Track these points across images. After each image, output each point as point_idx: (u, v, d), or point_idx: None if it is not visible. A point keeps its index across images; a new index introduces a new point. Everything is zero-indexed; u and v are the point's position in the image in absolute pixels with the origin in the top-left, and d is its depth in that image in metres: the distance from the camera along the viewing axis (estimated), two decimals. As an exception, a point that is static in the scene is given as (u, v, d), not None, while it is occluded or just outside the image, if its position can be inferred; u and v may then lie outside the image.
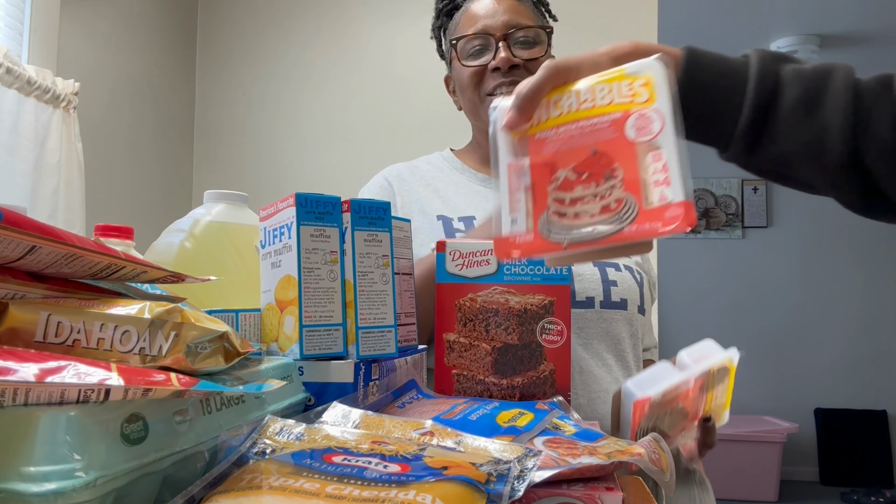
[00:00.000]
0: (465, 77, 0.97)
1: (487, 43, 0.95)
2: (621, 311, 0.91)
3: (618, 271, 0.93)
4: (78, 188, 1.49)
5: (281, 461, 0.37)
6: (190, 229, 0.77)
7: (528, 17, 0.97)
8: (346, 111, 2.13)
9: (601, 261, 0.92)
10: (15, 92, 1.35)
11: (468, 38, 0.96)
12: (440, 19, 1.06)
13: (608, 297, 0.90)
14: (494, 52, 0.94)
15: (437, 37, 1.09)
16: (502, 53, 0.93)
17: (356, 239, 0.60)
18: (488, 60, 0.95)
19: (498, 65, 0.93)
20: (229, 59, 2.22)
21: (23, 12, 1.50)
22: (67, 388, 0.32)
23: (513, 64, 0.93)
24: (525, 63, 0.94)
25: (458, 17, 1.01)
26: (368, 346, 0.60)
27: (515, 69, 0.94)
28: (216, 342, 0.41)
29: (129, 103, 1.88)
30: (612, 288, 0.90)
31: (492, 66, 0.94)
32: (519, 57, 0.94)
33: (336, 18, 2.18)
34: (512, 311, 0.68)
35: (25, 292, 0.41)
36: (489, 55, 0.95)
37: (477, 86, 0.97)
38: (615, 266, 0.93)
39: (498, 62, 0.93)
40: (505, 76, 0.94)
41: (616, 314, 0.90)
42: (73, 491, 0.30)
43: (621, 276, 0.92)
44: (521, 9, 0.97)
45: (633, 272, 0.95)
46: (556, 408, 0.58)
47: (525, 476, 0.36)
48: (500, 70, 0.94)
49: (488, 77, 0.96)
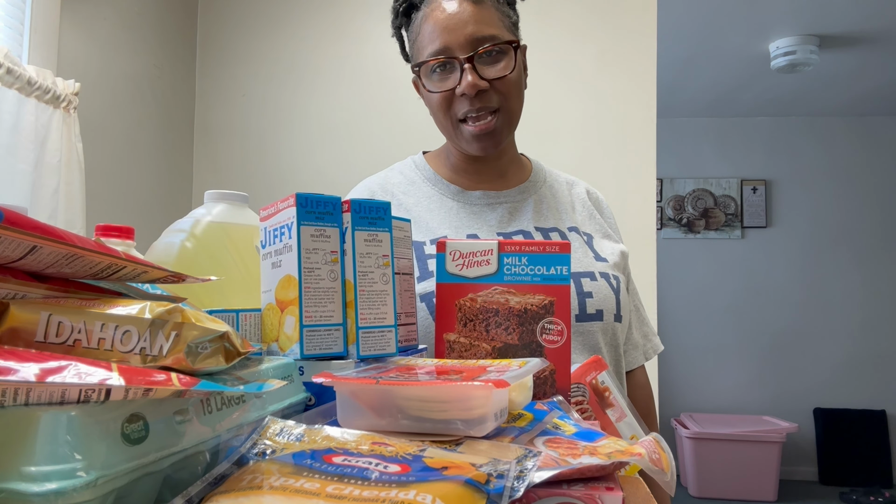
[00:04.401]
0: (434, 102, 0.93)
1: (451, 63, 0.90)
2: (597, 323, 0.91)
3: (593, 281, 0.92)
4: (78, 188, 1.49)
5: (281, 461, 0.37)
6: (190, 229, 0.77)
7: (492, 24, 0.90)
8: (346, 111, 2.13)
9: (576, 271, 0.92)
10: (15, 92, 1.35)
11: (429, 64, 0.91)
12: (399, 19, 1.00)
13: (584, 310, 0.90)
14: (460, 75, 0.89)
15: (397, 36, 1.03)
16: (469, 78, 0.88)
17: (356, 239, 0.60)
18: (454, 83, 0.90)
19: (465, 91, 0.89)
20: (229, 60, 2.22)
21: (23, 12, 1.50)
22: (68, 388, 0.33)
23: (480, 88, 0.89)
24: (493, 83, 0.90)
25: (417, 23, 0.95)
26: (369, 346, 0.60)
27: (483, 93, 0.90)
28: (217, 342, 0.41)
29: (129, 103, 1.88)
30: (587, 300, 0.90)
31: (458, 93, 0.90)
32: (486, 77, 0.89)
33: (336, 18, 2.18)
34: (512, 311, 0.68)
35: (26, 292, 0.41)
36: (454, 76, 0.90)
37: (447, 110, 0.93)
38: (590, 276, 0.93)
39: (464, 88, 0.88)
40: (472, 103, 0.90)
41: (592, 326, 0.90)
42: (74, 491, 0.30)
43: (597, 286, 0.92)
44: (483, 15, 0.90)
45: (609, 278, 0.94)
46: (556, 408, 0.58)
47: (525, 476, 0.36)
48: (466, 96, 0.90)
49: (456, 101, 0.92)
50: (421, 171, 1.05)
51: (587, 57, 2.04)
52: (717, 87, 3.88)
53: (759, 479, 3.72)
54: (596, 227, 1.06)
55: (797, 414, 4.25)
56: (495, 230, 0.98)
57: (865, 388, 4.25)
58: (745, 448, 3.74)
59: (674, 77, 3.68)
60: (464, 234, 0.97)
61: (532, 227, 0.99)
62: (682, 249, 4.45)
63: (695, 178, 4.48)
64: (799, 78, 3.62)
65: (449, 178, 1.03)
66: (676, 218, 4.48)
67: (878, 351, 4.27)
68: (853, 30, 3.05)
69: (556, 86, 2.05)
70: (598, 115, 2.03)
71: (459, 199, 1.00)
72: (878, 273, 4.30)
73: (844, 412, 4.18)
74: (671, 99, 4.05)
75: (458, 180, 1.02)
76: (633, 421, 0.72)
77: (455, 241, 0.71)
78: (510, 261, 0.69)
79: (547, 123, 2.03)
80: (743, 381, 4.33)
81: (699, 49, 3.31)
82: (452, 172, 1.04)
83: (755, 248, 4.41)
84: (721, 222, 4.44)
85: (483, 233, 0.97)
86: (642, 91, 2.02)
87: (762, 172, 4.44)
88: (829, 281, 4.33)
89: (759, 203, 4.41)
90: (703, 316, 4.36)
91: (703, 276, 4.41)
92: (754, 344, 4.33)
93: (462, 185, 1.02)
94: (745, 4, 2.83)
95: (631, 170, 2.00)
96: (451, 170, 1.04)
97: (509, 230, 0.98)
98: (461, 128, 0.94)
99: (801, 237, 4.37)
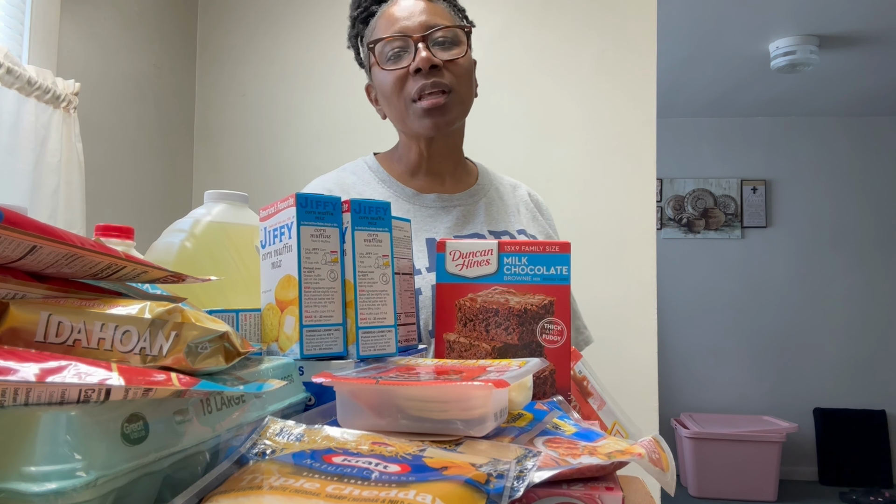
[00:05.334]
0: (388, 83, 0.96)
1: (406, 45, 0.94)
2: None
3: None
4: (78, 188, 1.49)
5: (281, 461, 0.37)
6: (190, 229, 0.77)
7: (446, 18, 0.97)
8: (345, 111, 2.13)
9: None
10: (15, 92, 1.35)
11: (386, 41, 0.95)
12: (356, 27, 1.05)
13: None
14: (414, 53, 0.93)
15: (354, 45, 1.08)
16: (423, 54, 0.92)
17: (356, 239, 0.60)
18: (409, 63, 0.93)
19: (419, 66, 0.92)
20: (229, 60, 2.22)
21: (23, 12, 1.50)
22: (68, 388, 0.33)
23: (433, 64, 0.92)
24: (445, 64, 0.94)
25: (373, 24, 1.00)
26: (369, 346, 0.60)
27: (436, 69, 0.93)
28: (216, 342, 0.41)
29: (129, 103, 1.88)
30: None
31: (413, 68, 0.93)
32: (439, 58, 0.93)
33: (336, 18, 2.18)
34: (512, 311, 0.68)
35: (26, 292, 0.41)
36: (409, 57, 0.94)
37: (400, 91, 0.96)
38: None
39: (418, 63, 0.92)
40: (426, 77, 0.93)
41: None
42: (74, 491, 0.30)
43: None
44: (437, 10, 0.97)
45: None
46: (556, 408, 0.58)
47: (525, 476, 0.36)
48: (421, 71, 0.93)
49: (410, 80, 0.94)
50: (375, 172, 1.07)
51: (587, 57, 2.04)
52: (717, 87, 3.88)
53: (759, 479, 3.72)
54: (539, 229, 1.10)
55: (797, 414, 4.25)
56: (452, 233, 1.01)
57: (865, 388, 4.24)
58: (744, 448, 3.74)
59: (674, 77, 3.68)
60: (421, 236, 0.99)
61: (486, 230, 1.03)
62: (681, 249, 4.45)
63: (695, 178, 4.48)
64: (799, 78, 3.62)
65: (402, 181, 1.05)
66: (676, 218, 4.48)
67: (877, 351, 4.27)
68: (853, 30, 3.05)
69: (556, 86, 2.05)
70: (597, 114, 2.03)
71: (414, 202, 1.03)
72: (877, 273, 4.30)
73: (844, 412, 4.18)
74: (671, 99, 4.04)
75: (411, 182, 1.05)
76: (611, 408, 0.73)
77: (455, 241, 0.71)
78: (510, 261, 0.69)
79: (547, 123, 2.03)
80: (743, 381, 4.33)
81: (699, 49, 3.31)
82: (406, 174, 1.06)
83: (755, 248, 4.41)
84: (721, 222, 4.44)
85: (439, 235, 1.00)
86: (642, 91, 2.02)
87: (762, 172, 4.43)
88: (829, 281, 4.33)
89: (759, 203, 4.41)
90: (702, 316, 4.36)
91: (703, 276, 4.41)
92: (754, 344, 4.33)
93: (416, 187, 1.04)
94: (745, 4, 2.83)
95: (631, 170, 2.00)
96: (404, 170, 1.06)
97: (464, 233, 1.01)
98: (412, 107, 0.96)
99: (800, 237, 4.37)
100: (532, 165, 1.97)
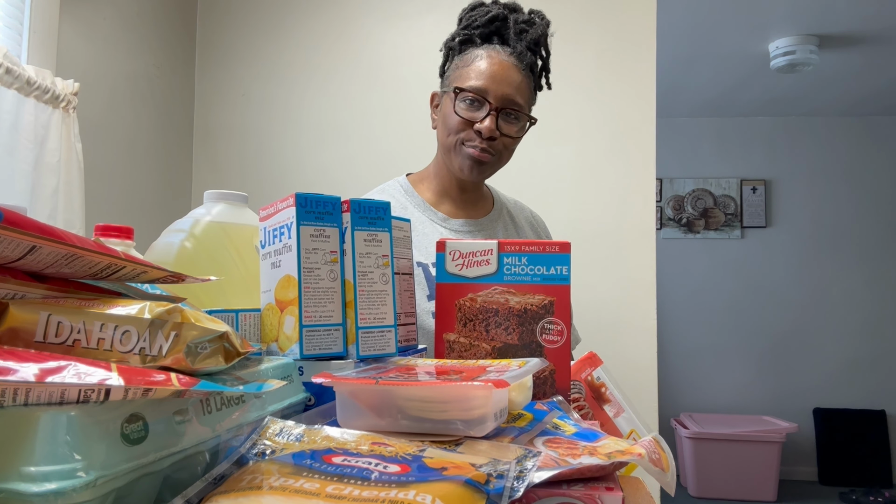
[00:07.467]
0: (453, 119, 1.10)
1: (483, 103, 1.08)
2: None
3: None
4: (78, 188, 1.49)
5: (281, 462, 0.37)
6: (190, 229, 0.77)
7: (524, 96, 1.10)
8: (346, 111, 2.13)
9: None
10: (14, 92, 1.34)
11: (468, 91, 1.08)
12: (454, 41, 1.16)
13: None
14: (485, 115, 1.07)
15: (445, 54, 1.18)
16: (488, 123, 1.07)
17: (356, 239, 0.60)
18: (477, 118, 1.08)
19: (481, 130, 1.07)
20: (229, 60, 2.22)
21: (22, 12, 1.50)
22: (67, 388, 0.32)
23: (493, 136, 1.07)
24: (503, 135, 1.09)
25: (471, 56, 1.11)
26: (368, 345, 0.60)
27: (493, 139, 1.08)
28: (216, 342, 0.41)
29: (128, 103, 1.88)
30: None
31: (476, 128, 1.08)
32: (500, 130, 1.08)
33: (336, 18, 2.18)
34: (512, 311, 0.68)
35: (25, 292, 0.41)
36: (480, 113, 1.08)
37: (458, 131, 1.10)
38: None
39: (484, 130, 1.07)
40: (482, 138, 1.08)
41: None
42: (74, 491, 0.30)
43: None
44: (521, 86, 1.10)
45: None
46: (556, 408, 0.58)
47: (525, 476, 0.36)
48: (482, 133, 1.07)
49: (469, 131, 1.09)
50: (409, 196, 1.19)
51: (587, 57, 2.04)
52: (717, 87, 3.88)
53: (759, 479, 3.72)
54: None
55: (797, 414, 4.25)
56: None
57: (865, 388, 4.25)
58: (744, 448, 3.73)
59: (674, 77, 3.68)
60: None
61: None
62: (681, 249, 4.45)
63: (694, 177, 4.48)
64: (799, 78, 3.62)
65: (433, 204, 1.19)
66: (676, 218, 4.48)
67: (878, 351, 4.27)
68: (853, 30, 3.05)
69: (556, 86, 2.04)
70: (597, 114, 2.03)
71: (445, 226, 1.16)
72: (877, 273, 4.30)
73: (844, 412, 4.18)
74: (671, 99, 4.04)
75: (442, 207, 1.19)
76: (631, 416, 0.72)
77: (455, 240, 0.71)
78: (510, 261, 0.69)
79: (547, 123, 2.03)
80: (743, 381, 4.33)
81: (699, 49, 3.31)
82: (437, 196, 1.19)
83: (755, 248, 4.41)
84: (721, 222, 4.44)
85: None
86: (642, 91, 2.02)
87: (762, 172, 4.43)
88: (829, 281, 4.33)
89: (759, 203, 4.41)
90: (702, 316, 4.36)
91: (703, 275, 4.41)
92: (754, 344, 4.33)
93: (446, 212, 1.18)
94: (745, 4, 2.83)
95: (631, 170, 2.00)
96: (436, 192, 1.20)
97: None
98: (461, 148, 1.11)
99: (800, 237, 4.37)
100: (532, 165, 1.97)
